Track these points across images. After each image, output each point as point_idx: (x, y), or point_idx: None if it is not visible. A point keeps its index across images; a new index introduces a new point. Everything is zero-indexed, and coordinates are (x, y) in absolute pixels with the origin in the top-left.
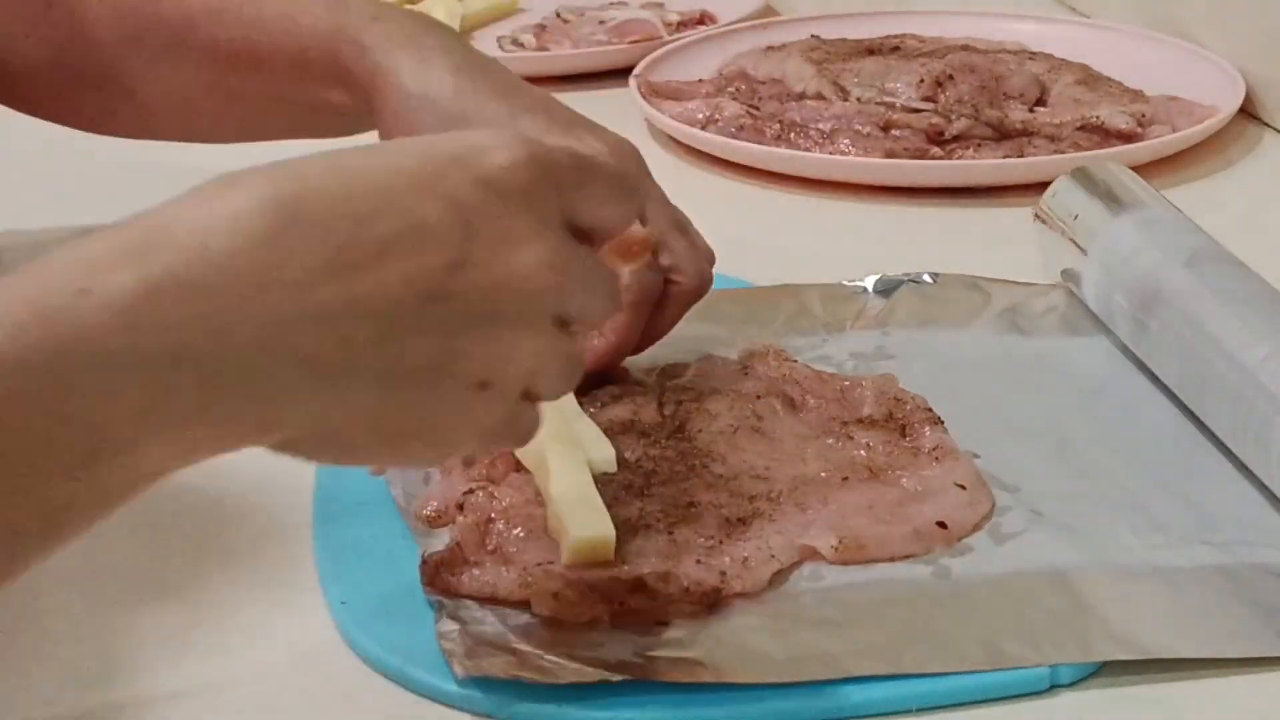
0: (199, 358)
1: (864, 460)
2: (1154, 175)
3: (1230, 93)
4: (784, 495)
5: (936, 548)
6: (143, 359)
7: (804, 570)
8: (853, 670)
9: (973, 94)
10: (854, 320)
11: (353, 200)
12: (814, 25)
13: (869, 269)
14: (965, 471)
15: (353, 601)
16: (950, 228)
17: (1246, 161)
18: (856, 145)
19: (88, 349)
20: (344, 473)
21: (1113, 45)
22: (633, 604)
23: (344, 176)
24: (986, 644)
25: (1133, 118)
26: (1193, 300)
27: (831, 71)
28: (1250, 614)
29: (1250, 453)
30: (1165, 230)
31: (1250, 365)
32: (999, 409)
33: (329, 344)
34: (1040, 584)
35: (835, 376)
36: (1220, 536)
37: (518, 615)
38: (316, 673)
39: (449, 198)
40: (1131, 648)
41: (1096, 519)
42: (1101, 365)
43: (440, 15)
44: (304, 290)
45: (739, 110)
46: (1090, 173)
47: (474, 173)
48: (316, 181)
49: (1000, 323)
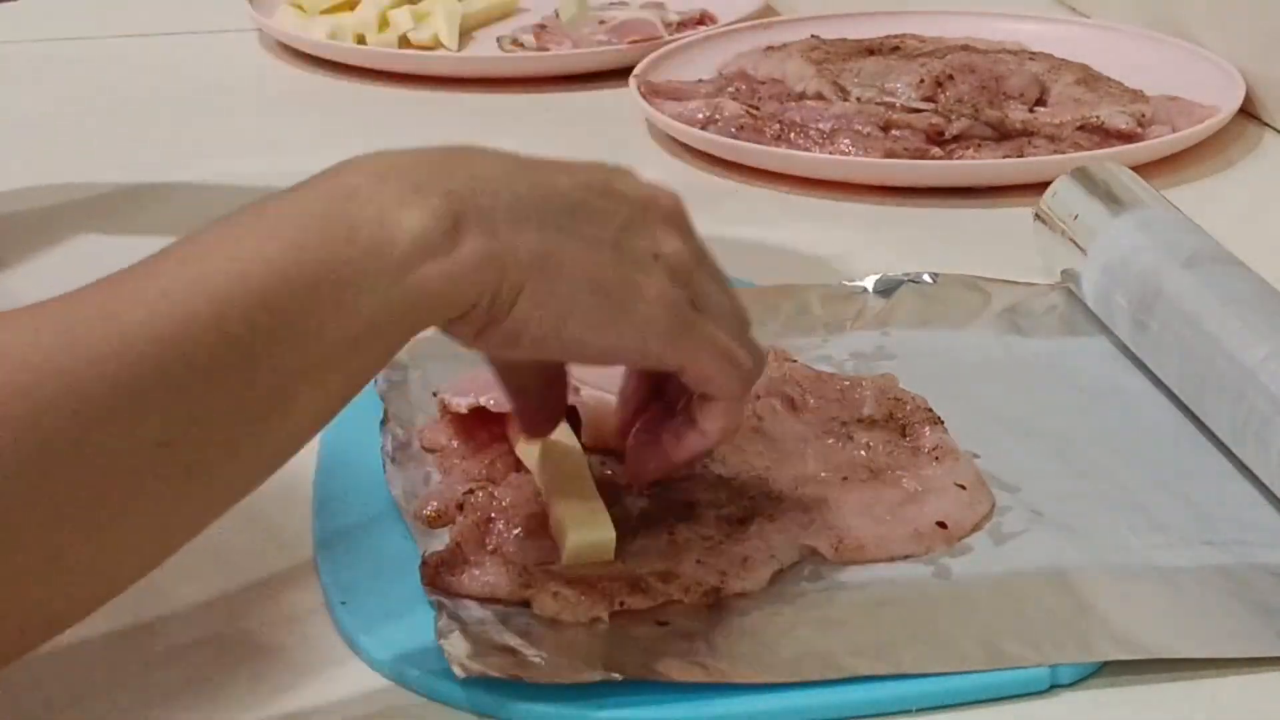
0: (442, 188)
1: (864, 460)
2: (1154, 175)
3: (1230, 93)
4: (784, 495)
5: (937, 548)
6: (397, 191)
7: (804, 570)
8: (853, 670)
9: (973, 94)
10: (854, 320)
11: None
12: (814, 25)
13: (869, 269)
14: (965, 471)
15: (353, 601)
16: (950, 228)
17: (1247, 162)
18: (856, 145)
19: (353, 193)
20: (343, 472)
21: (1113, 45)
22: (633, 604)
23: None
24: (987, 644)
25: (1133, 118)
26: (1193, 300)
27: (831, 71)
28: (1251, 614)
29: (1250, 453)
30: (1165, 230)
31: (1250, 365)
32: (999, 409)
33: (533, 191)
34: (1040, 584)
35: (835, 376)
36: (1220, 536)
37: (518, 615)
38: (316, 672)
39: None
40: (1132, 648)
41: (1097, 519)
42: (1102, 365)
43: (441, 16)
44: (497, 170)
45: (739, 110)
46: (1090, 173)
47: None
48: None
49: (1000, 323)
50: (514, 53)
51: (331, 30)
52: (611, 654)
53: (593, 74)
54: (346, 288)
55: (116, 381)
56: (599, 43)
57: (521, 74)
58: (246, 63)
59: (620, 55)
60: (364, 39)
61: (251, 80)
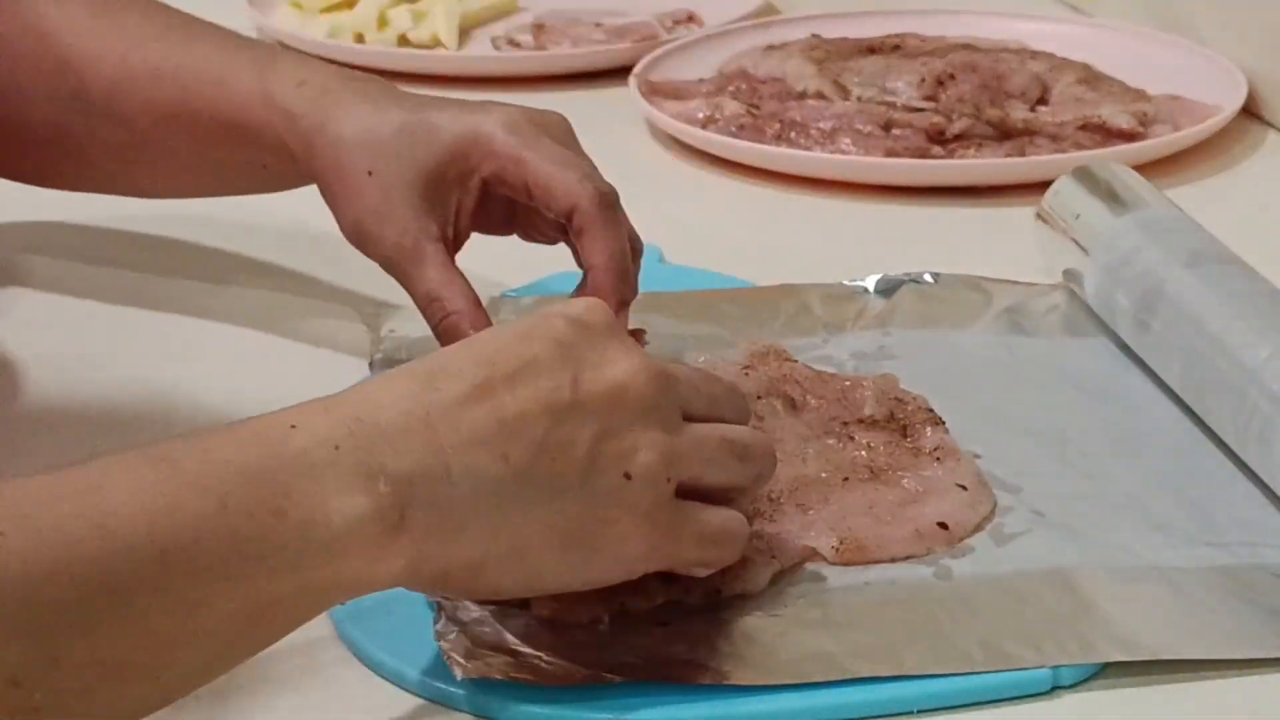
0: (391, 474)
1: (865, 461)
2: (1156, 175)
3: (1233, 92)
4: (785, 495)
5: (938, 548)
6: (343, 471)
7: (805, 571)
8: (853, 671)
9: (974, 93)
10: (855, 320)
11: (476, 348)
12: (815, 24)
13: (870, 269)
14: (966, 472)
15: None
16: (951, 227)
17: (1249, 161)
18: (857, 144)
19: (298, 461)
20: None
21: (1115, 44)
22: (632, 604)
23: (472, 342)
24: (988, 645)
25: (1135, 117)
26: (1195, 300)
27: (832, 70)
28: (1252, 615)
29: (1252, 453)
30: (1167, 230)
31: (1252, 365)
32: (1000, 409)
33: (493, 460)
34: (1042, 585)
35: (836, 376)
36: (1222, 537)
37: (517, 616)
38: (316, 674)
39: (549, 337)
40: (1133, 649)
41: (1098, 520)
42: (1103, 365)
43: (440, 15)
44: (460, 418)
45: (739, 109)
46: (1092, 172)
47: (565, 316)
48: (453, 349)
49: (1001, 323)
50: (512, 52)
51: (330, 29)
52: (611, 655)
53: (592, 74)
54: (259, 562)
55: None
56: (598, 42)
57: (521, 73)
58: None
59: (620, 55)
60: (363, 38)
61: None
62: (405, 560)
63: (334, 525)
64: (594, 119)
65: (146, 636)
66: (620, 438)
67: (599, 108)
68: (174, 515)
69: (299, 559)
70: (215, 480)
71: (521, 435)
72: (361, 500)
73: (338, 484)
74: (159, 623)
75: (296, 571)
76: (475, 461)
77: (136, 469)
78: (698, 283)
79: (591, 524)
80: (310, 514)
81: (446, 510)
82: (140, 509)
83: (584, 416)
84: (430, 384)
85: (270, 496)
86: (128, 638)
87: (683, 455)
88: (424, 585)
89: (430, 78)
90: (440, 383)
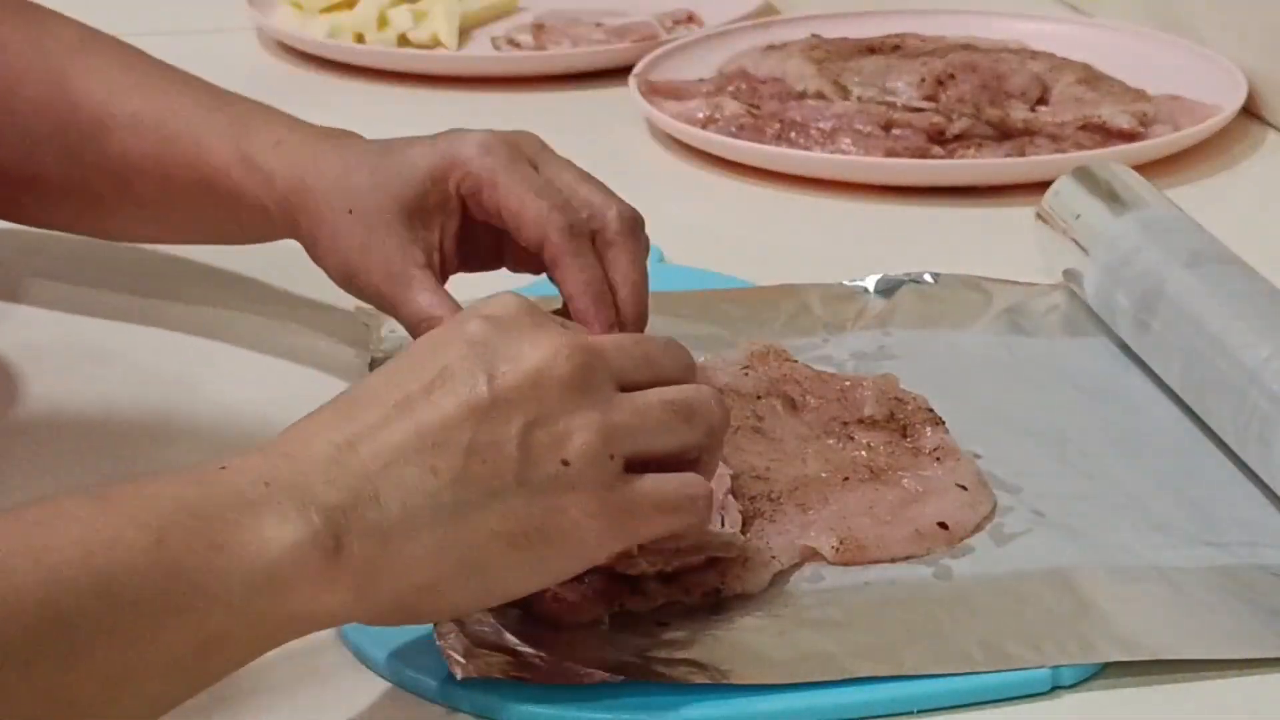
0: (322, 504)
1: (865, 461)
2: (1156, 175)
3: (1233, 92)
4: (784, 496)
5: (938, 548)
6: (275, 505)
7: (804, 571)
8: (853, 671)
9: (974, 93)
10: (855, 320)
11: (391, 369)
12: (814, 24)
13: (870, 269)
14: (966, 472)
15: None
16: (951, 228)
17: (1249, 161)
18: (857, 144)
19: (233, 498)
20: None
21: (1115, 44)
22: (632, 605)
23: (388, 365)
24: (988, 645)
25: (1135, 117)
26: (1195, 300)
27: (832, 70)
28: (1252, 615)
29: (1252, 453)
30: (1167, 230)
31: (1252, 365)
32: (1000, 409)
33: (422, 475)
34: (1042, 585)
35: (836, 376)
36: (1222, 537)
37: (517, 616)
38: (316, 673)
39: (460, 340)
40: (1133, 649)
41: (1098, 520)
42: (1103, 365)
43: (440, 15)
44: (381, 440)
45: (739, 109)
46: (1092, 172)
47: (478, 316)
48: (371, 376)
49: (1001, 323)
50: (512, 52)
51: (330, 29)
52: (611, 655)
53: (592, 73)
54: (200, 593)
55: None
56: (598, 42)
57: (521, 73)
58: (244, 62)
59: (620, 55)
60: (363, 38)
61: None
62: (351, 591)
63: (270, 555)
64: (594, 119)
65: (93, 672)
66: (550, 425)
67: (599, 108)
68: (112, 550)
69: (243, 590)
70: (153, 515)
71: (446, 444)
72: (296, 529)
73: (272, 516)
74: (104, 657)
75: (242, 603)
76: (404, 479)
77: (76, 506)
78: (698, 283)
79: (539, 519)
80: (246, 546)
81: (383, 535)
82: (78, 543)
83: (507, 411)
84: (350, 414)
85: (207, 530)
86: (74, 672)
87: (621, 429)
88: (382, 616)
89: (430, 78)
90: (359, 410)
